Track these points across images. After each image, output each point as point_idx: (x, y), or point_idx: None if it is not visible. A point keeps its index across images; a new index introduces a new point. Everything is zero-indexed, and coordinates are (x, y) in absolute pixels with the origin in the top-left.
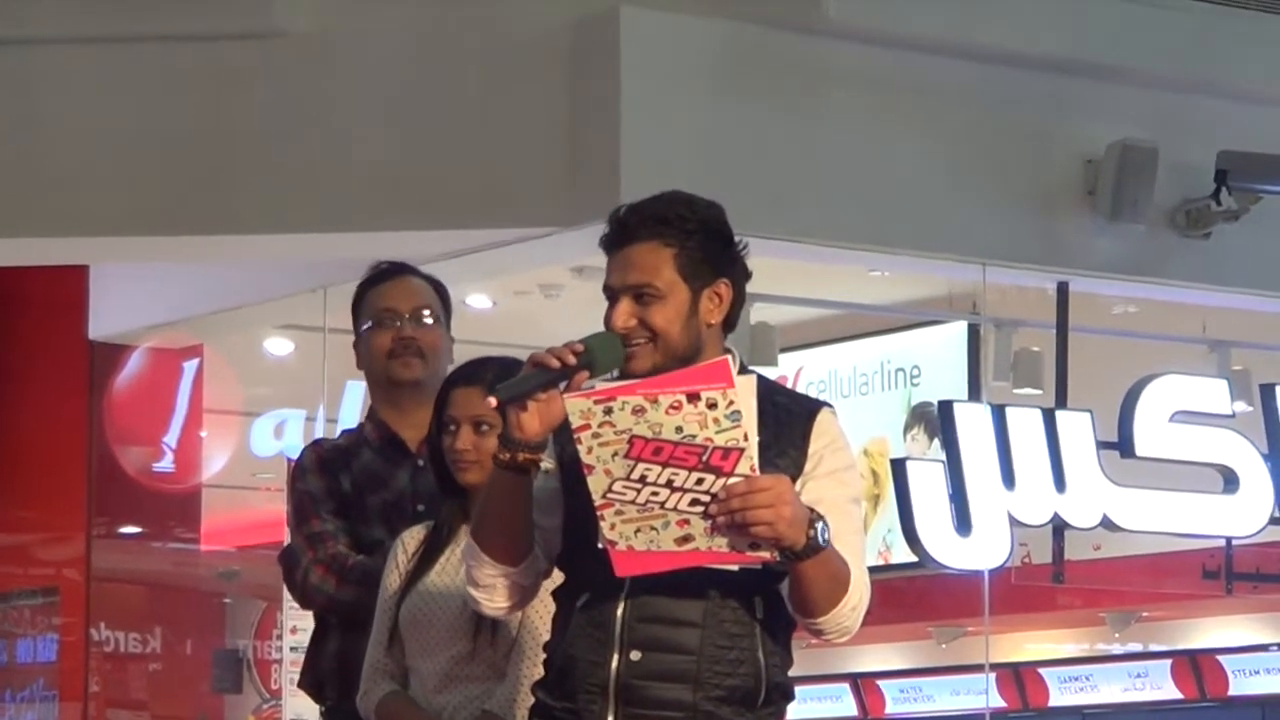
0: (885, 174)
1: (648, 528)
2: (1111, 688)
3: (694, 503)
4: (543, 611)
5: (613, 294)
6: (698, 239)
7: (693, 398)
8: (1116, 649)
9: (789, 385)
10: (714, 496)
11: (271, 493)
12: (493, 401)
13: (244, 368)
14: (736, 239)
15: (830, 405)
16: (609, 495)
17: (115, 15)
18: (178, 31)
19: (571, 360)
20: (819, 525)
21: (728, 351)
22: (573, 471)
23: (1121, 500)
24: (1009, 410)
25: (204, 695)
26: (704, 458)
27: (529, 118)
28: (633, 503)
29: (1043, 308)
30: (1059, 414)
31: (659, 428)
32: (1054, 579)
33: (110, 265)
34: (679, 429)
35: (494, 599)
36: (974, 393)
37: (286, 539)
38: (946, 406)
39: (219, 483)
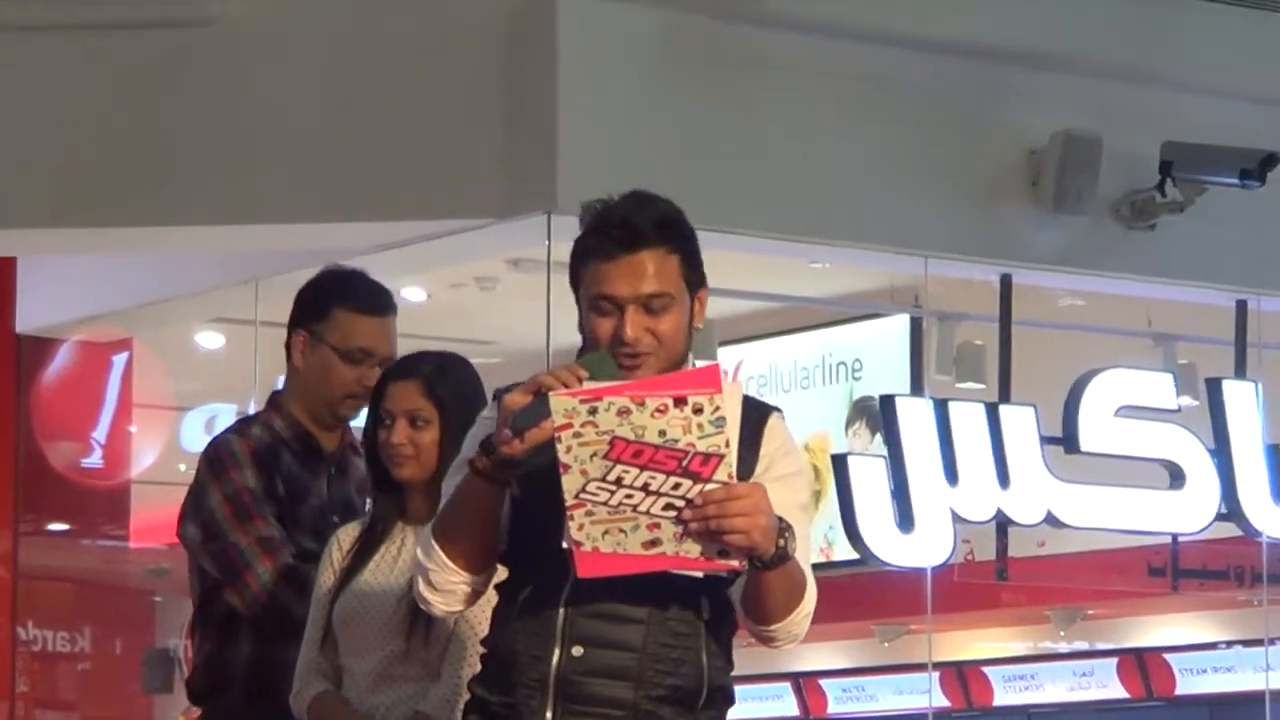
0: (826, 165)
1: (616, 530)
2: (1057, 687)
3: (667, 507)
4: (478, 612)
5: (615, 304)
6: (692, 244)
7: (680, 401)
8: (1062, 647)
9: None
10: (689, 502)
11: None
12: (508, 435)
13: (174, 361)
14: None
15: (779, 410)
16: (582, 495)
17: (42, 1)
18: (106, 19)
19: (577, 385)
20: (787, 535)
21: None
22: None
23: (1066, 496)
24: (952, 405)
25: (134, 696)
26: (684, 463)
27: (464, 107)
28: (605, 504)
29: (986, 301)
30: (1002, 409)
31: (642, 430)
32: (998, 576)
33: (38, 257)
34: (662, 433)
35: (449, 603)
36: (916, 387)
37: (194, 531)
38: (888, 401)
39: (149, 479)
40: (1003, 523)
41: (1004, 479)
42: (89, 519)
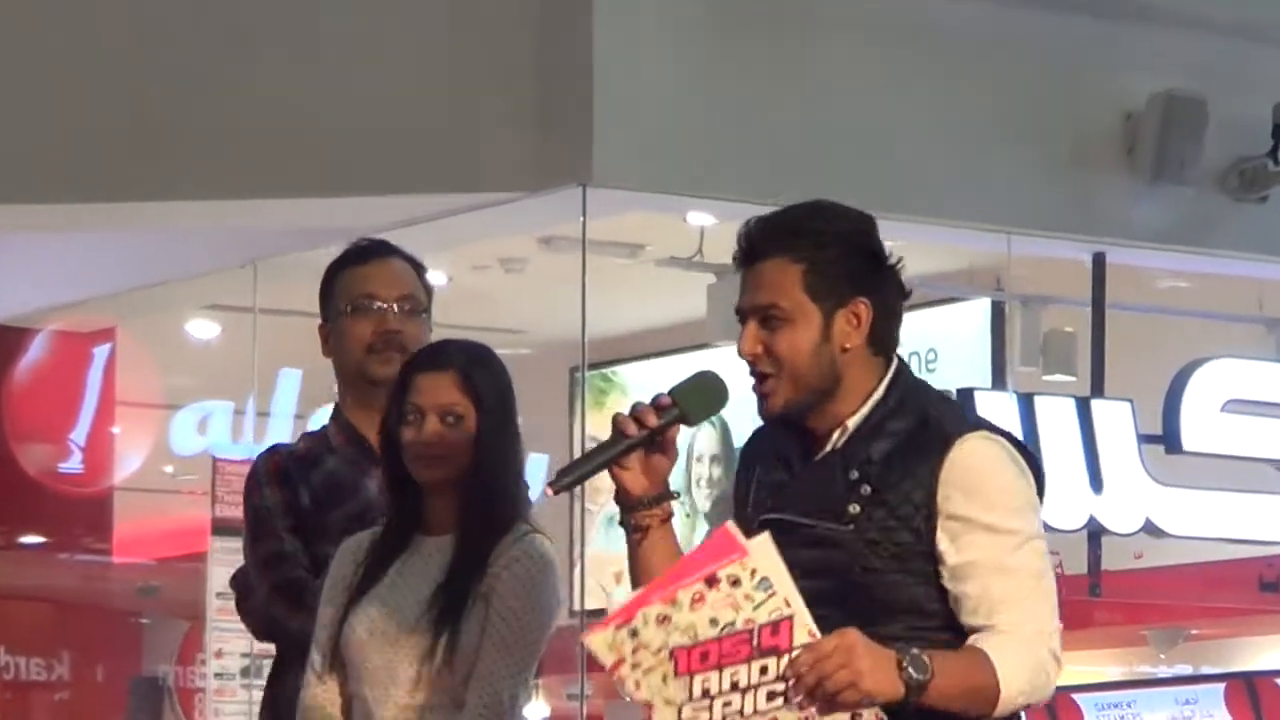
0: (893, 132)
1: None
2: (1156, 715)
3: (770, 696)
4: (504, 632)
5: (742, 316)
6: (832, 253)
7: (711, 582)
8: (1162, 671)
9: None
10: (785, 680)
11: (195, 496)
12: (549, 492)
13: (163, 353)
14: (889, 253)
15: (976, 428)
16: None
17: None
18: None
19: (653, 420)
20: (906, 662)
21: (887, 368)
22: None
23: (1167, 501)
24: (1038, 399)
25: None
26: (755, 643)
27: (489, 67)
28: None
29: (1076, 282)
30: (1095, 403)
31: (693, 629)
32: (1090, 592)
33: (10, 236)
34: (713, 621)
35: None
36: (998, 379)
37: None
38: (967, 395)
39: (134, 485)
40: (1095, 531)
41: (1097, 482)
42: (67, 531)
